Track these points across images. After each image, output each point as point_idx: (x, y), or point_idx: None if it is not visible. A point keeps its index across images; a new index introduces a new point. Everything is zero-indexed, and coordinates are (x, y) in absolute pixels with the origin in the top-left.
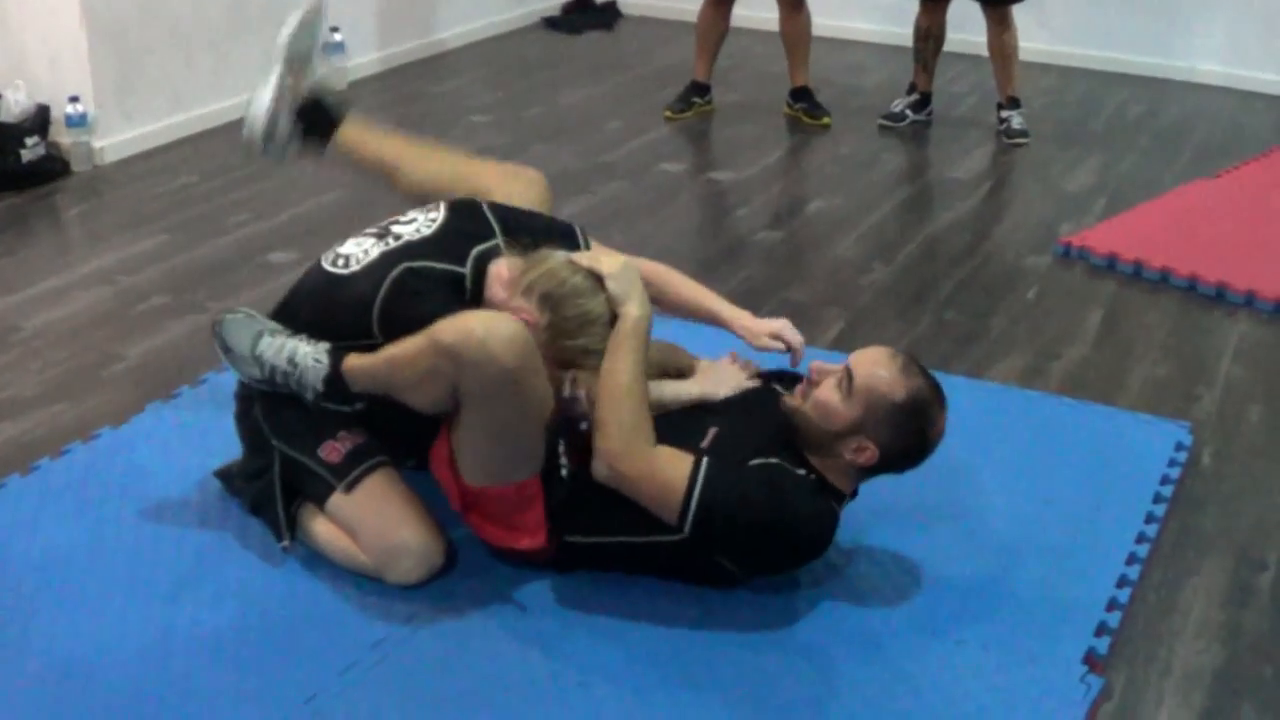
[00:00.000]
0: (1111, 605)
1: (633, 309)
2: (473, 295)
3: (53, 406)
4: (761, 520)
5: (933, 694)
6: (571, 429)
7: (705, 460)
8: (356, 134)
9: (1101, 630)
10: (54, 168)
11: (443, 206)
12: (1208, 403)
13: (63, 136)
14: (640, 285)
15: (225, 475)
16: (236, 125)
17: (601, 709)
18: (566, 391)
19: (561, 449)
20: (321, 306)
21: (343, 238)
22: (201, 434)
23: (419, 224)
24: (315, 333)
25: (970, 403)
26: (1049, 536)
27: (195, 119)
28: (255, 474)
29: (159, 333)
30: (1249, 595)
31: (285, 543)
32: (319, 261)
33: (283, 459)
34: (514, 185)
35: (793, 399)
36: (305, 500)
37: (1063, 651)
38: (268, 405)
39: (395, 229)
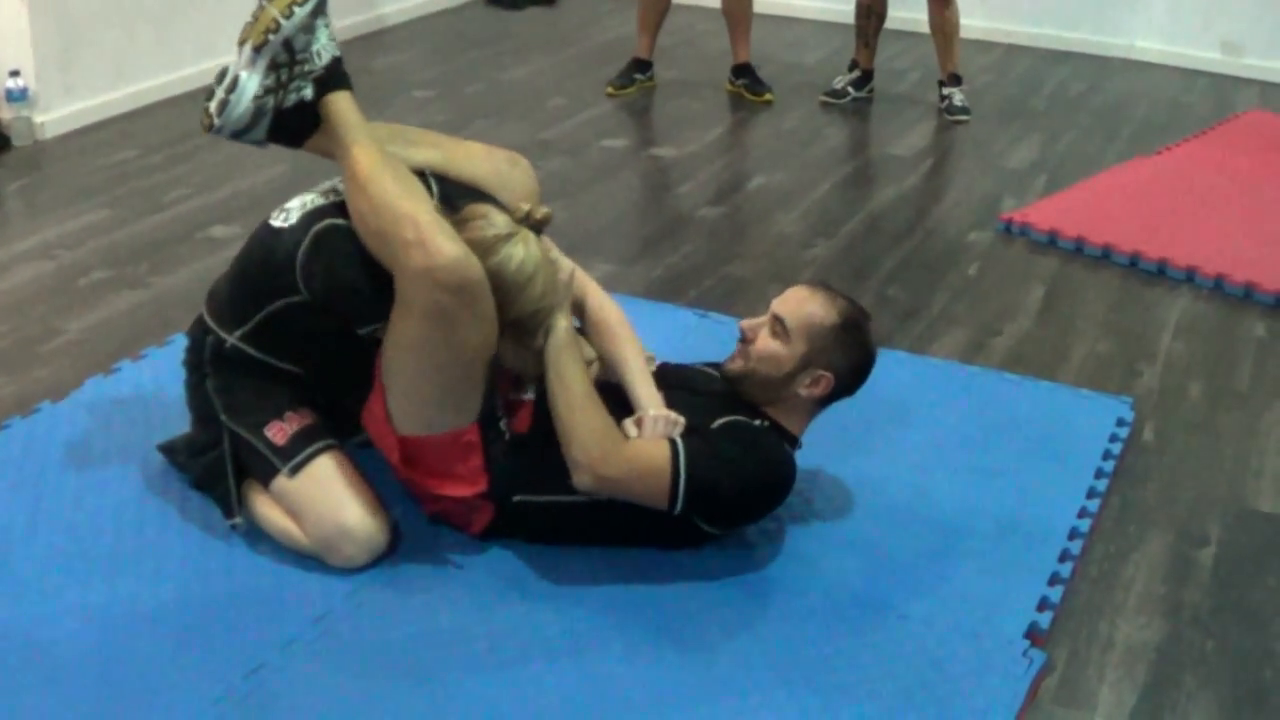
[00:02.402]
0: (1053, 580)
1: (562, 320)
2: None
3: None
4: (743, 477)
5: (874, 668)
6: (509, 401)
7: (678, 440)
8: (331, 143)
9: (1043, 605)
10: None
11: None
12: (1149, 378)
13: (3, 111)
14: (568, 298)
15: (169, 450)
16: (179, 100)
17: (542, 679)
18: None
19: (500, 410)
20: (259, 260)
21: None
22: (142, 409)
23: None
24: (257, 292)
25: (912, 378)
26: (991, 511)
27: (137, 93)
28: (203, 448)
29: (99, 307)
30: (1190, 570)
31: (236, 520)
32: (264, 221)
33: (231, 435)
34: (502, 166)
35: (733, 364)
36: (250, 478)
37: (1005, 626)
38: (219, 380)
39: (340, 186)
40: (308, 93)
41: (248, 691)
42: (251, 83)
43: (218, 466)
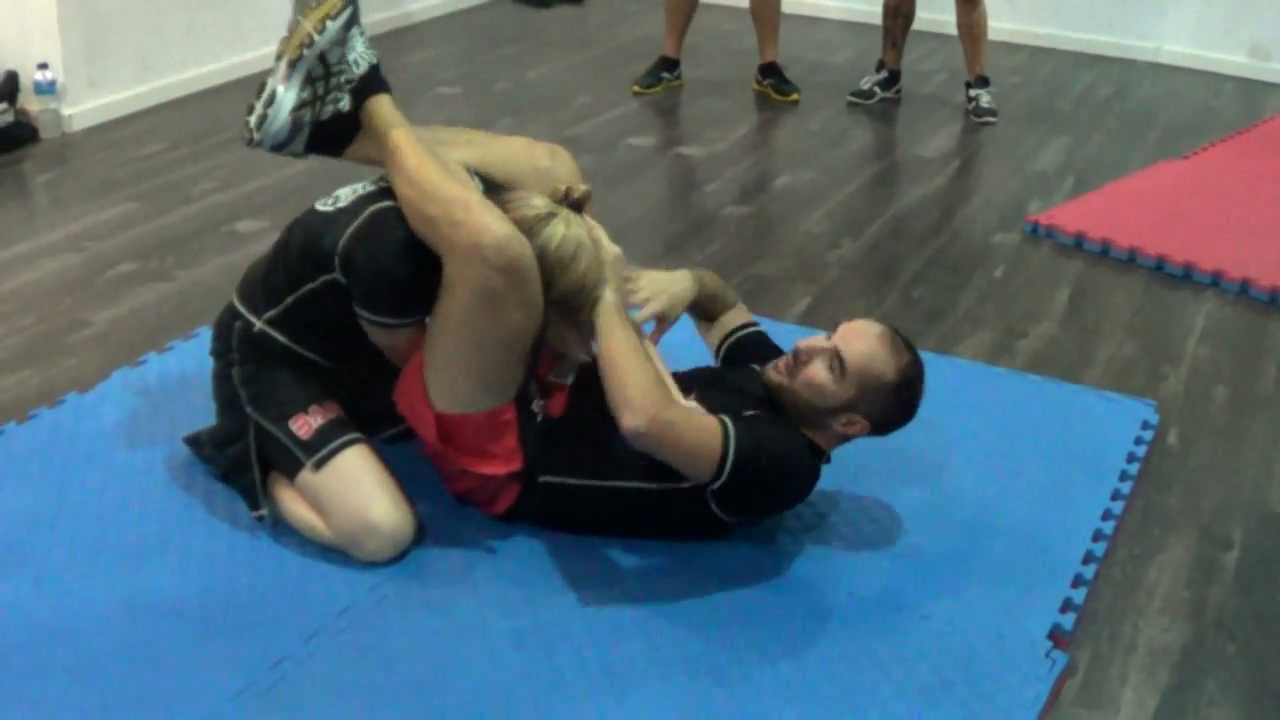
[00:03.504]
0: (1077, 582)
1: (609, 293)
2: None
3: (19, 372)
4: (778, 463)
5: (897, 668)
6: (546, 384)
7: (727, 420)
8: (373, 147)
9: (1067, 606)
10: (23, 135)
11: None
12: (1174, 382)
13: (31, 104)
14: (616, 277)
15: (194, 441)
16: (205, 94)
17: (564, 674)
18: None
19: (535, 392)
20: (301, 240)
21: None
22: (168, 401)
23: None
24: (294, 272)
25: (937, 380)
26: (1015, 513)
27: (164, 87)
28: (229, 439)
29: (126, 300)
30: (1213, 573)
31: (261, 512)
32: (309, 207)
33: (256, 427)
34: (541, 160)
35: (776, 374)
36: (275, 470)
37: (1028, 627)
38: (246, 370)
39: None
40: (345, 104)
41: (271, 683)
42: (289, 97)
43: (243, 458)
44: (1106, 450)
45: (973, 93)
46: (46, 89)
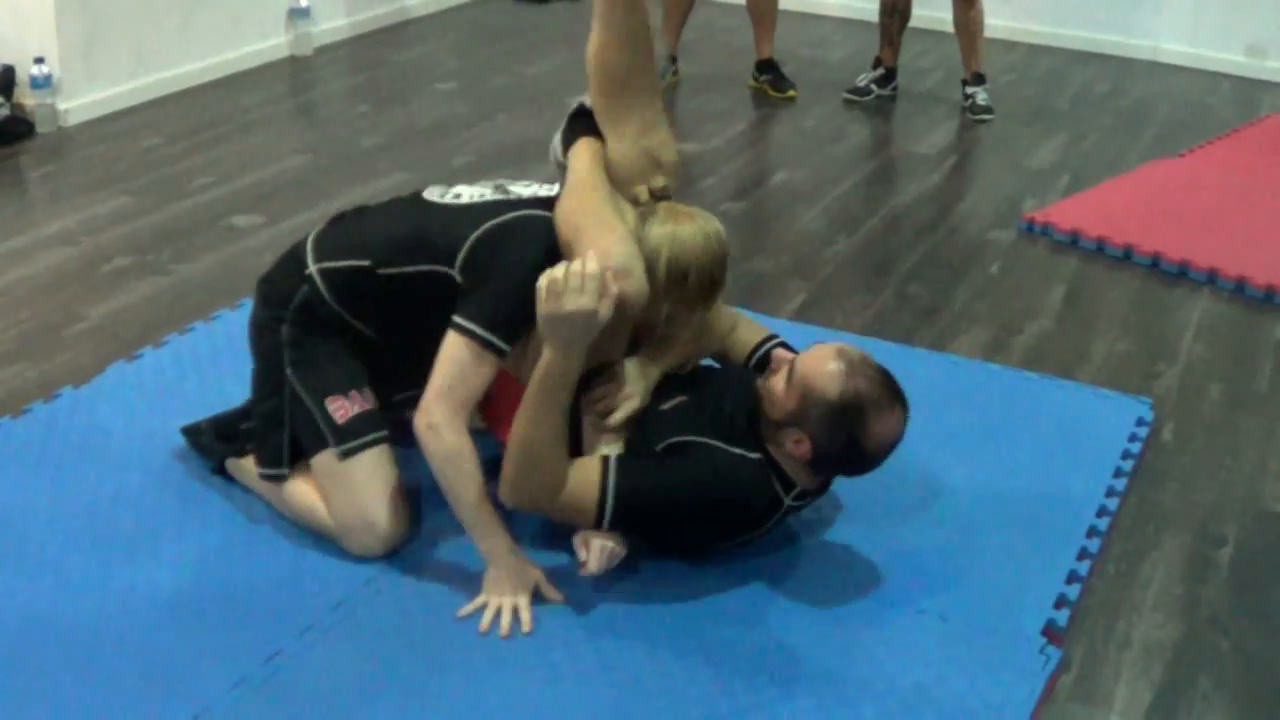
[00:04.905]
0: (1071, 578)
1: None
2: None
3: (14, 365)
4: (677, 502)
5: (890, 663)
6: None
7: (612, 459)
8: None
9: (1061, 602)
10: (19, 129)
11: (560, 186)
12: (1169, 379)
13: (27, 98)
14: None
15: (194, 431)
16: (202, 88)
17: (558, 668)
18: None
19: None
20: (410, 222)
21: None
22: (163, 394)
23: (536, 190)
24: (409, 245)
25: (933, 376)
26: (1010, 509)
27: (160, 81)
28: (260, 394)
29: (122, 294)
30: (1207, 570)
31: (283, 470)
32: (414, 193)
33: (292, 393)
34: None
35: (761, 381)
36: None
37: (1022, 623)
38: (294, 332)
39: (512, 189)
40: None
41: (266, 677)
42: None
43: (274, 415)
44: (1101, 447)
45: (969, 90)
46: (42, 83)
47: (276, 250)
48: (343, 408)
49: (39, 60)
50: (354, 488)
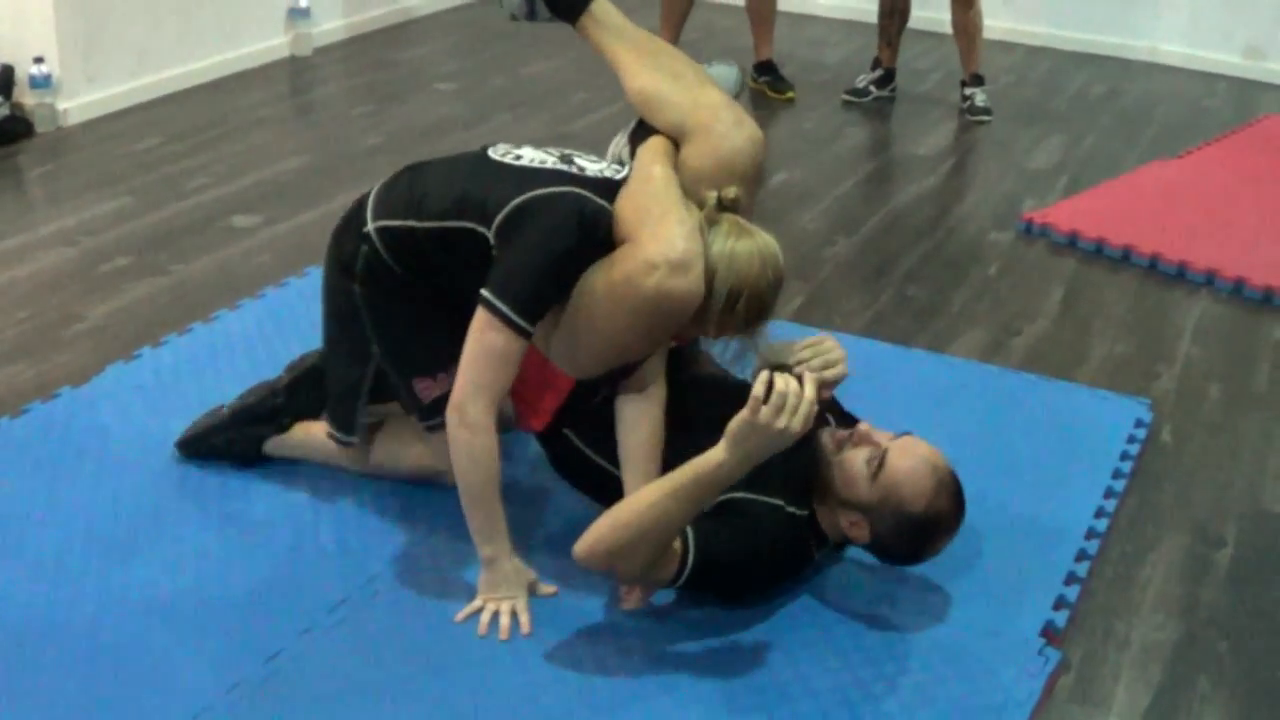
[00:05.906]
0: (1070, 579)
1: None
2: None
3: (13, 365)
4: (743, 565)
5: (889, 665)
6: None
7: (689, 530)
8: (595, 28)
9: (1060, 604)
10: (18, 128)
11: (628, 168)
12: (1167, 380)
13: (27, 98)
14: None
15: (198, 439)
16: (201, 89)
17: (559, 670)
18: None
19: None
20: (462, 176)
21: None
22: (162, 395)
23: (603, 168)
24: (431, 199)
25: (931, 377)
26: (1009, 510)
27: (160, 82)
28: (337, 354)
29: (121, 294)
30: (1206, 571)
31: (353, 438)
32: (480, 148)
33: (377, 369)
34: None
35: (831, 440)
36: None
37: (1021, 624)
38: (370, 294)
39: (579, 161)
40: None
41: (264, 678)
42: None
43: (356, 385)
44: (1100, 448)
45: (968, 91)
46: (42, 83)
47: (276, 250)
48: (428, 388)
49: (38, 60)
50: (445, 453)
